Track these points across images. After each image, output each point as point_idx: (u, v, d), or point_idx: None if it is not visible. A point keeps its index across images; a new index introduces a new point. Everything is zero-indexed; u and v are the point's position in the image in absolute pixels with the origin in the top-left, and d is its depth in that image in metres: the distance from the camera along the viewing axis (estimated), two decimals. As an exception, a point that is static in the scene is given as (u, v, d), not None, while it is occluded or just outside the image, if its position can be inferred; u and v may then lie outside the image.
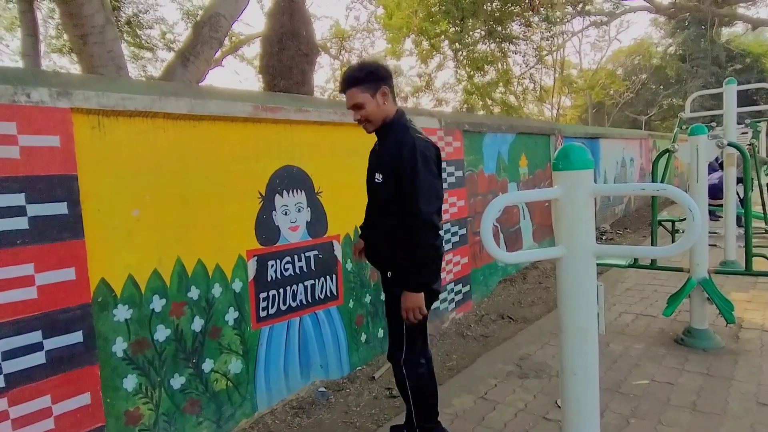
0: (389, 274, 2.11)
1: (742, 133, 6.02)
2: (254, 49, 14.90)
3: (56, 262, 1.82)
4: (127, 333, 2.07)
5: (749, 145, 5.01)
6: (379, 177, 2.06)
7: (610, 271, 5.15)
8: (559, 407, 2.48)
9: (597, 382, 1.44)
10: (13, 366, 1.73)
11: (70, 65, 11.52)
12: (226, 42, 11.78)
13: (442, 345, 3.56)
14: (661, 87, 24.57)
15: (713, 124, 5.60)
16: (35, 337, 1.78)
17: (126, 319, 2.07)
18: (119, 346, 2.04)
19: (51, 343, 1.82)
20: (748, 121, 6.19)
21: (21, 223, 1.74)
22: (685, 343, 3.25)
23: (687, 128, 3.42)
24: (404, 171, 1.95)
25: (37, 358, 1.79)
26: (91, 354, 1.92)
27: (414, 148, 1.95)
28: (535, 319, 3.98)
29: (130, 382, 2.08)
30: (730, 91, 4.91)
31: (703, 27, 21.09)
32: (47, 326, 1.80)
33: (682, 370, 2.91)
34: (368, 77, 2.00)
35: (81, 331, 1.89)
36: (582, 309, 1.37)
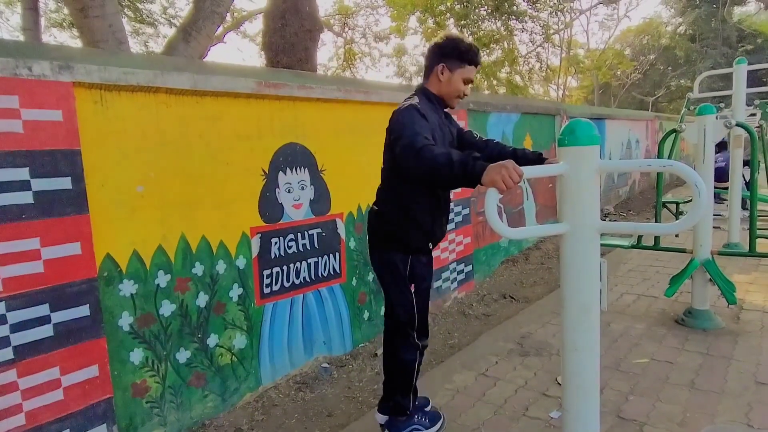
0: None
1: (751, 115, 5.93)
2: (257, 26, 14.66)
3: (62, 237, 1.83)
4: (133, 307, 2.10)
5: (758, 126, 4.94)
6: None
7: (613, 253, 5.15)
8: (560, 384, 2.52)
9: (598, 358, 1.45)
10: (21, 338, 1.76)
11: (70, 40, 11.41)
12: (228, 17, 11.59)
13: (444, 323, 3.59)
14: (670, 68, 24.16)
15: (721, 104, 5.52)
16: (43, 310, 1.80)
17: (131, 294, 2.09)
18: (125, 320, 2.07)
19: (58, 317, 1.84)
20: (757, 102, 6.09)
21: (26, 198, 1.75)
22: (686, 323, 3.27)
23: (695, 109, 3.37)
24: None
25: (45, 331, 1.81)
26: (98, 327, 1.95)
27: None
28: (536, 299, 4.00)
29: (137, 355, 2.11)
30: (740, 70, 4.82)
31: (714, 6, 20.60)
32: (54, 300, 1.83)
33: (682, 349, 2.93)
34: None
35: (88, 304, 1.91)
36: (585, 285, 1.37)
